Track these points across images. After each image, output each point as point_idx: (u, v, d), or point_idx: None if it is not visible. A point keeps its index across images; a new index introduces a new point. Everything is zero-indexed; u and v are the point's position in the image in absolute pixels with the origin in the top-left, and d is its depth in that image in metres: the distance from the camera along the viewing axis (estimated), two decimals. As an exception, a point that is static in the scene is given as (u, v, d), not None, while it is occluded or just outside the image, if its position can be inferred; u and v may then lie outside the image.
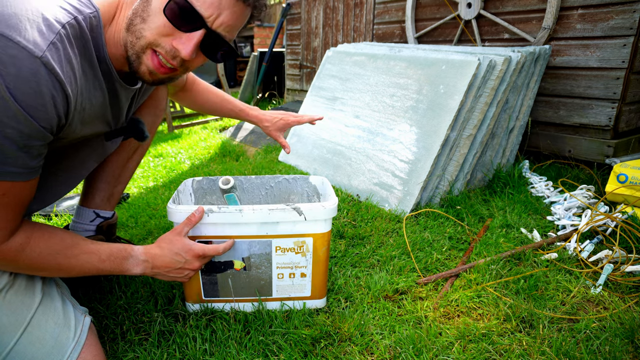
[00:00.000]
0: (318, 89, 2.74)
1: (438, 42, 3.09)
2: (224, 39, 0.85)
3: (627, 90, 2.23)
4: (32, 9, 0.68)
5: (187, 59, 0.83)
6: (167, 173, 2.56)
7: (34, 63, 0.65)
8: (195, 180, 1.36)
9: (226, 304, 1.18)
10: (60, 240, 0.86)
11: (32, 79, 0.66)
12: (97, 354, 0.90)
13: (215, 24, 0.81)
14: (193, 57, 0.83)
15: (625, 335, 1.09)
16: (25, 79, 0.65)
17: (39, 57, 0.66)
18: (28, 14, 0.67)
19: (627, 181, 1.81)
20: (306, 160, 2.53)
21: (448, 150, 1.95)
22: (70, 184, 1.04)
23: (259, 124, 1.47)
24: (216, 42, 0.85)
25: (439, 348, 1.04)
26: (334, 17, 4.09)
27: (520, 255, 1.52)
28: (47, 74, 0.67)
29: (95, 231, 1.29)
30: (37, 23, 0.68)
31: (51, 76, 0.68)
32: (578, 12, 2.32)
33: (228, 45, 0.87)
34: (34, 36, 0.66)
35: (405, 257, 1.50)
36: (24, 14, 0.67)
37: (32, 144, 0.71)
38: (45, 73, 0.67)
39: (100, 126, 0.97)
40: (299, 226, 1.09)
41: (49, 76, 0.68)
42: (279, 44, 6.04)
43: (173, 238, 1.02)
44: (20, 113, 0.66)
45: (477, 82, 1.93)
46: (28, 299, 0.84)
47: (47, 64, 0.67)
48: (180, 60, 0.84)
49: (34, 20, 0.67)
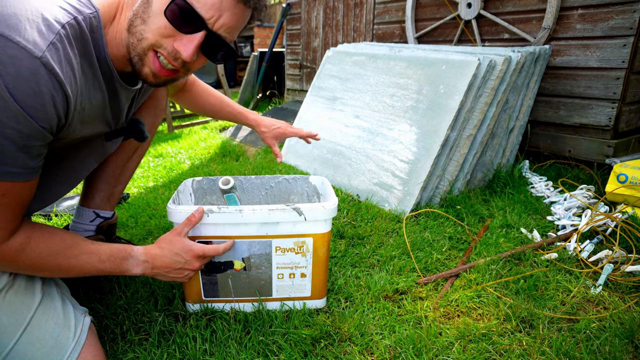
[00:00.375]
0: (318, 89, 2.74)
1: (438, 42, 3.09)
2: (224, 40, 0.85)
3: (627, 90, 2.23)
4: (31, 9, 0.68)
5: (188, 61, 0.83)
6: (167, 173, 2.56)
7: (34, 63, 0.65)
8: (195, 180, 1.36)
9: (226, 304, 1.18)
10: (60, 240, 0.86)
11: (31, 79, 0.66)
12: (97, 354, 0.90)
13: (216, 25, 0.82)
14: (194, 58, 0.83)
15: (625, 335, 1.09)
16: (24, 79, 0.65)
17: (38, 57, 0.66)
18: (28, 14, 0.67)
19: (627, 181, 1.81)
20: (306, 160, 2.53)
21: (448, 150, 1.95)
22: (70, 184, 1.03)
23: (257, 128, 1.47)
24: (217, 43, 0.85)
25: (439, 348, 1.04)
26: (334, 17, 4.09)
27: (520, 255, 1.52)
28: (46, 74, 0.67)
29: (95, 231, 1.29)
30: (36, 23, 0.67)
31: (51, 76, 0.68)
32: (578, 12, 2.32)
33: (228, 46, 0.86)
34: (33, 36, 0.66)
35: (405, 257, 1.50)
36: (23, 14, 0.67)
37: (31, 144, 0.71)
38: (45, 73, 0.67)
39: (100, 126, 0.97)
40: (299, 226, 1.09)
41: (48, 76, 0.68)
42: (279, 44, 6.04)
43: (173, 238, 1.02)
44: (20, 113, 0.66)
45: (477, 82, 1.93)
46: (28, 299, 0.83)
47: (46, 64, 0.67)
48: (181, 62, 0.84)
49: (33, 20, 0.67)
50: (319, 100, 2.69)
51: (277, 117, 3.96)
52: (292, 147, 2.68)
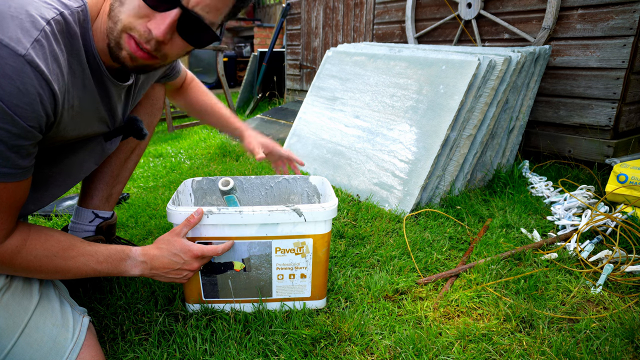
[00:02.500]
0: (318, 89, 2.74)
1: (438, 42, 3.09)
2: (202, 20, 0.78)
3: (627, 91, 2.23)
4: (15, 5, 0.67)
5: (161, 39, 0.77)
6: (167, 173, 2.56)
7: (17, 61, 0.64)
8: (195, 180, 1.36)
9: (226, 304, 1.17)
10: (57, 242, 0.85)
11: (16, 78, 0.65)
12: (95, 354, 0.89)
13: (192, 2, 0.76)
14: (167, 38, 0.78)
15: (625, 335, 1.09)
16: (9, 78, 0.64)
17: (22, 55, 0.64)
18: (11, 10, 0.66)
19: (627, 181, 1.81)
20: (306, 160, 2.53)
21: (448, 150, 1.95)
22: (67, 186, 1.03)
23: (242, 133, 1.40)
24: (195, 23, 0.79)
25: (439, 348, 1.04)
26: (334, 17, 4.09)
27: (520, 255, 1.51)
28: (32, 71, 0.66)
29: (94, 232, 1.29)
30: (19, 20, 0.66)
31: (36, 74, 0.67)
32: (578, 12, 2.32)
33: (207, 27, 0.80)
34: (17, 34, 0.65)
35: (405, 257, 1.50)
36: (6, 11, 0.65)
37: (21, 144, 0.70)
38: (29, 71, 0.66)
39: (97, 126, 0.96)
40: (299, 227, 1.09)
41: (34, 74, 0.66)
42: (279, 44, 6.04)
43: (172, 239, 1.02)
44: (6, 113, 0.65)
45: (477, 82, 1.93)
46: (25, 301, 0.83)
47: (31, 62, 0.66)
48: (155, 44, 0.78)
49: (17, 17, 0.66)
50: (319, 101, 2.69)
51: (277, 116, 3.96)
52: (292, 147, 2.68)
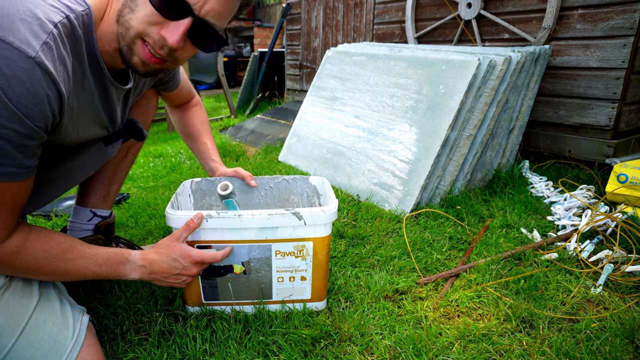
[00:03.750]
0: (318, 89, 2.74)
1: (438, 42, 3.09)
2: (213, 27, 0.83)
3: (627, 90, 2.23)
4: (24, 9, 0.68)
5: (175, 48, 0.82)
6: (167, 173, 2.56)
7: (28, 63, 0.66)
8: (194, 181, 1.36)
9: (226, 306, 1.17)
10: (56, 244, 0.85)
11: (26, 80, 0.66)
12: (95, 353, 0.89)
13: (203, 11, 0.80)
14: (180, 45, 0.82)
15: (625, 335, 1.09)
16: (19, 80, 0.65)
17: (32, 57, 0.66)
18: (20, 14, 0.67)
19: (627, 181, 1.81)
20: (306, 160, 2.53)
21: (448, 150, 1.95)
22: (65, 188, 1.04)
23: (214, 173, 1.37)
24: (205, 30, 0.83)
25: (439, 348, 1.04)
26: (334, 17, 4.09)
27: (520, 255, 1.51)
28: (41, 73, 0.68)
29: (93, 231, 1.29)
30: (29, 23, 0.68)
31: (45, 76, 0.68)
32: (578, 12, 2.32)
33: (217, 33, 0.85)
34: (26, 36, 0.66)
35: (405, 257, 1.50)
36: (16, 14, 0.67)
37: (27, 144, 0.72)
38: (39, 73, 0.67)
39: (96, 130, 0.96)
40: (299, 230, 1.09)
41: (43, 76, 0.68)
42: (279, 44, 6.03)
43: (171, 244, 1.01)
44: (16, 114, 0.66)
45: (477, 82, 1.93)
46: (25, 300, 0.83)
47: (40, 64, 0.67)
48: (168, 50, 0.83)
49: (26, 20, 0.67)
50: (319, 101, 2.69)
51: (277, 117, 3.96)
52: (292, 147, 2.68)
